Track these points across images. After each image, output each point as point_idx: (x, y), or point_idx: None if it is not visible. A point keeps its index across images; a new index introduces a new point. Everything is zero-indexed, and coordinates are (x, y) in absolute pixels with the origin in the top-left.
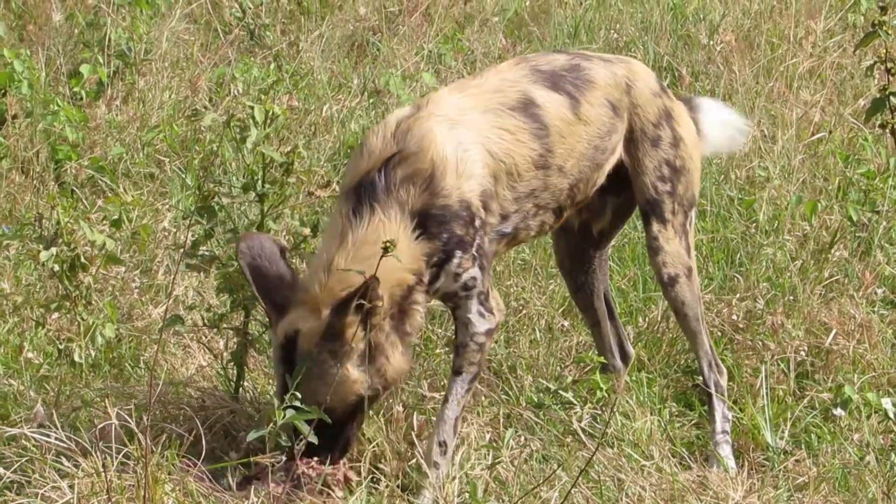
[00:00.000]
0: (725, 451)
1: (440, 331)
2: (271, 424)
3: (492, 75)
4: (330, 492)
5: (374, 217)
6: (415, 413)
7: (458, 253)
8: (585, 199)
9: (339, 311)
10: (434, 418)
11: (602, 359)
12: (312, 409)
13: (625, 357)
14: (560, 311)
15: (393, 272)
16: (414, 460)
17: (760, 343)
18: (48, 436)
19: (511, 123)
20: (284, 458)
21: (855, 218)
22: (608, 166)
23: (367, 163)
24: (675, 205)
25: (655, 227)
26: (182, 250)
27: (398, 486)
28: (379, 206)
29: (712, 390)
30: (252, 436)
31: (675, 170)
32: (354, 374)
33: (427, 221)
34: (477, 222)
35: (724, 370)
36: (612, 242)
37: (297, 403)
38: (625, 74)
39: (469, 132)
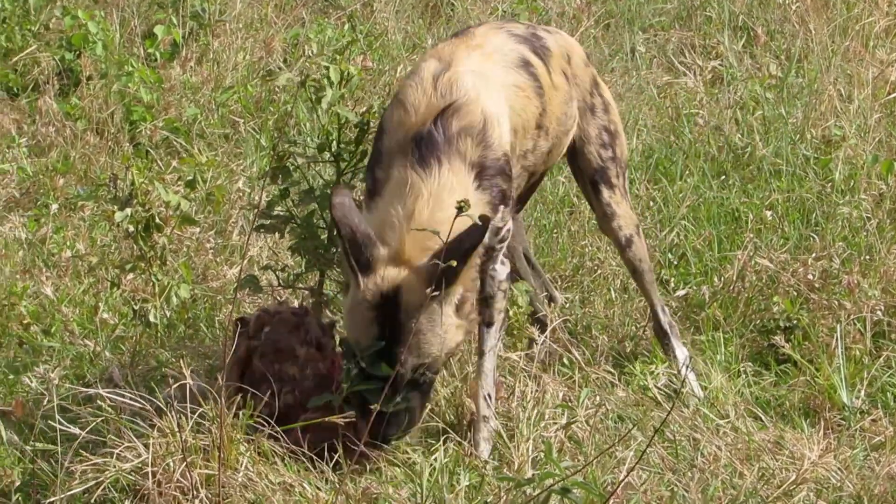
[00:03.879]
0: (693, 379)
1: None
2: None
3: (482, 37)
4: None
5: (443, 169)
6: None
7: (502, 207)
8: (548, 168)
9: (465, 257)
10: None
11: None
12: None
13: (554, 305)
14: None
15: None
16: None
17: (836, 302)
18: (123, 396)
19: (520, 80)
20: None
21: None
22: (569, 138)
23: (415, 117)
24: (617, 168)
25: (606, 193)
26: (256, 211)
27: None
28: (445, 158)
29: (668, 330)
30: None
31: (612, 134)
32: (458, 321)
33: (482, 174)
34: (513, 175)
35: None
36: (526, 206)
37: (415, 358)
38: (564, 45)
39: (496, 88)
